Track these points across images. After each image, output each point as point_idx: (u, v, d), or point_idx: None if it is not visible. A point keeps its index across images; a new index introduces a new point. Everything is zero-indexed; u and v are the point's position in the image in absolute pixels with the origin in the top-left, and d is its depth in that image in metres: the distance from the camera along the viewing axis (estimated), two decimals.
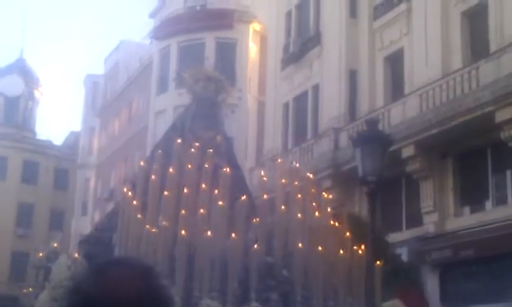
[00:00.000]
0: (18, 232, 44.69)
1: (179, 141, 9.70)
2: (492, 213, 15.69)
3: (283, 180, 9.62)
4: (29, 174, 46.25)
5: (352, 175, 12.52)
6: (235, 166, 10.47)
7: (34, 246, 27.58)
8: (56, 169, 47.41)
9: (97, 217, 34.74)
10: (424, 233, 17.13)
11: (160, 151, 9.82)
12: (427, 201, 17.41)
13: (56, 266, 9.21)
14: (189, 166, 9.02)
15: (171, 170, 8.97)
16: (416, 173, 17.51)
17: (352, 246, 9.14)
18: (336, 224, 9.39)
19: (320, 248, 8.65)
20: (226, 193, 8.86)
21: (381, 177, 11.01)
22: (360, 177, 11.08)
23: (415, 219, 17.70)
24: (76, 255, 9.55)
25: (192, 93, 11.16)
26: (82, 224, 37.11)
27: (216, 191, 8.73)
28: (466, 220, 16.42)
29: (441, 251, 16.33)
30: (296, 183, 9.62)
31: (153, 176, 8.95)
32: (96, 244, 9.92)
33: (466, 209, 16.91)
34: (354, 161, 12.28)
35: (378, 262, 9.08)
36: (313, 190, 9.96)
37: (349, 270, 8.82)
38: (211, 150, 9.65)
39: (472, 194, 16.72)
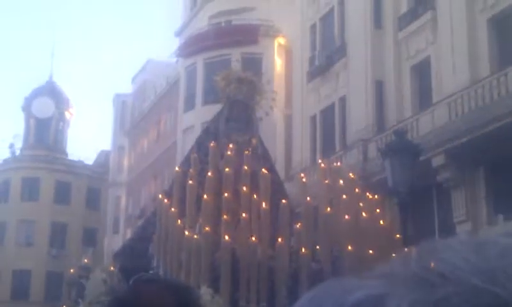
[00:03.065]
0: (52, 252, 45.27)
1: (212, 144, 9.40)
2: None
3: (327, 181, 9.25)
4: (62, 194, 46.91)
5: (383, 186, 12.46)
6: (272, 170, 10.11)
7: (67, 266, 27.90)
8: (87, 188, 48.02)
9: (129, 234, 35.05)
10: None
11: (195, 155, 9.52)
12: (459, 210, 17.22)
13: (91, 281, 9.02)
14: (227, 170, 8.74)
15: (209, 174, 8.70)
16: (447, 182, 17.33)
17: (404, 248, 8.82)
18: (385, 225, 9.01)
19: (371, 251, 8.29)
20: (268, 196, 8.56)
21: (411, 187, 10.94)
22: (390, 188, 11.03)
23: (448, 229, 17.49)
24: (111, 268, 9.34)
25: (225, 95, 10.83)
26: (114, 242, 37.46)
27: (255, 195, 8.38)
28: (500, 228, 16.19)
29: None
30: (341, 182, 9.24)
31: (190, 181, 8.68)
32: (132, 255, 9.67)
33: (500, 217, 16.67)
34: (384, 172, 12.23)
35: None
36: (357, 190, 9.64)
37: None
38: (247, 152, 9.32)
39: (505, 202, 16.48)
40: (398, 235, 8.73)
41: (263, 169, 8.93)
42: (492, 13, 17.70)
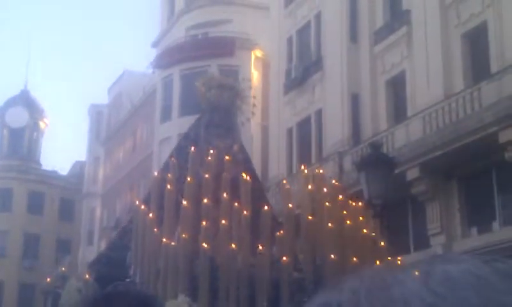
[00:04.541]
0: (25, 264, 44.62)
1: (192, 150, 9.24)
2: (500, 234, 15.66)
3: (310, 187, 9.09)
4: (35, 205, 46.32)
5: (358, 199, 12.57)
6: (253, 177, 9.99)
7: (40, 277, 27.51)
8: (61, 199, 47.50)
9: (103, 246, 34.70)
10: (432, 256, 17.06)
11: (173, 159, 9.35)
12: (433, 223, 17.39)
13: (66, 290, 8.81)
14: (207, 176, 8.58)
15: (189, 179, 8.54)
16: (421, 195, 17.51)
17: (387, 257, 8.70)
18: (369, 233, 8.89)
19: (354, 259, 8.18)
20: (248, 202, 8.35)
21: (386, 200, 11.03)
22: (366, 200, 11.10)
23: (423, 242, 17.66)
24: (87, 277, 9.13)
25: (205, 101, 10.74)
26: (89, 254, 37.06)
27: (236, 203, 8.28)
28: (473, 241, 16.39)
29: None
30: (325, 189, 9.10)
31: (168, 186, 8.51)
32: (109, 264, 9.49)
33: (474, 230, 16.88)
34: (360, 185, 12.31)
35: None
36: (340, 197, 9.55)
37: None
38: (228, 157, 9.18)
39: (478, 214, 16.70)
40: (382, 243, 8.68)
41: (244, 175, 8.81)
42: (466, 28, 17.99)
